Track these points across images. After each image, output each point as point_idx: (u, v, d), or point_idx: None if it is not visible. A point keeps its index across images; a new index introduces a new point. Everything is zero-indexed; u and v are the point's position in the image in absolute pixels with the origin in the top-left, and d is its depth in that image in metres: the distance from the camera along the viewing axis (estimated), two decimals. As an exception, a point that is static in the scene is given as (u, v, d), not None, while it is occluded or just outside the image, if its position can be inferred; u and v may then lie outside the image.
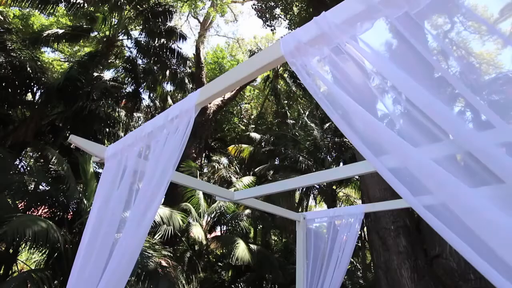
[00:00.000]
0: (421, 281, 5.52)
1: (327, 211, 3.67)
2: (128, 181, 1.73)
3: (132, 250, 1.50)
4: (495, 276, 0.77)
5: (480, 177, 0.89)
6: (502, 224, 0.77)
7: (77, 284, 1.66)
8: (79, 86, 9.37)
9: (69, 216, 7.69)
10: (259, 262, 8.76)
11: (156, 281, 5.96)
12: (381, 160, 1.10)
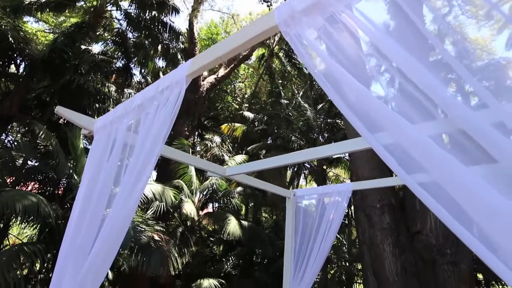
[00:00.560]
0: (401, 255, 5.78)
1: (316, 189, 3.75)
2: (118, 154, 1.71)
3: (122, 222, 1.51)
4: (483, 251, 0.80)
5: (474, 156, 0.90)
6: (495, 203, 0.79)
7: (68, 254, 1.68)
8: (65, 59, 9.03)
9: (60, 192, 7.67)
10: (250, 237, 9.00)
11: (149, 254, 6.09)
12: (376, 137, 1.10)
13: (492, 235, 0.80)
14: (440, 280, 5.44)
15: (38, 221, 6.61)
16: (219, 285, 7.88)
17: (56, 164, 6.77)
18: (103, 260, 1.53)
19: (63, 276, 1.65)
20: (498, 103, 0.88)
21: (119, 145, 1.71)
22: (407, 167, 0.99)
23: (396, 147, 1.02)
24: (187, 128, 11.98)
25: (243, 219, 10.03)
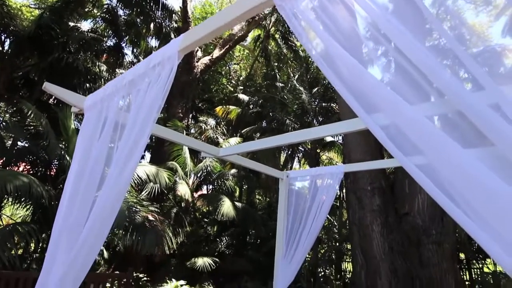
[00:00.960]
0: (389, 235, 5.97)
1: (309, 170, 3.79)
2: (109, 132, 1.69)
3: (113, 200, 1.52)
4: (478, 233, 0.80)
5: (471, 138, 0.90)
6: (493, 186, 0.79)
7: (61, 232, 1.69)
8: (53, 36, 8.72)
9: (52, 173, 7.62)
10: (243, 218, 9.16)
11: (144, 234, 6.17)
12: (373, 118, 1.08)
13: (488, 217, 0.80)
14: (424, 258, 5.67)
15: (31, 201, 6.59)
16: (213, 263, 8.07)
17: (47, 144, 6.67)
18: (95, 237, 1.54)
19: (56, 253, 1.67)
20: (495, 86, 0.87)
21: (110, 124, 1.69)
22: (404, 149, 0.99)
23: (393, 128, 1.02)
24: (181, 110, 11.85)
25: (237, 201, 10.15)
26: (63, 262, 1.60)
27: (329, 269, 9.80)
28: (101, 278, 5.10)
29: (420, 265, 5.70)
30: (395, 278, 5.73)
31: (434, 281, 5.53)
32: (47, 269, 1.66)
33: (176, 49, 1.31)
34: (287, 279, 3.43)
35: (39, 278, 1.68)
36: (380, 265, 5.85)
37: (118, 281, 5.17)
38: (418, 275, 5.64)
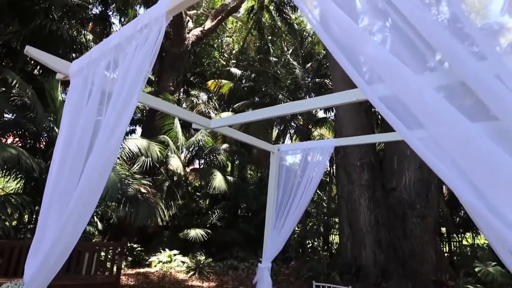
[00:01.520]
0: (376, 209, 6.20)
1: (300, 144, 3.83)
2: (96, 98, 1.66)
3: (102, 166, 1.52)
4: (480, 207, 0.79)
5: (474, 109, 0.87)
6: (494, 158, 0.78)
7: (52, 198, 1.70)
8: (34, 2, 8.25)
9: (41, 146, 7.51)
10: (235, 192, 9.31)
11: (136, 206, 6.24)
12: (372, 88, 1.05)
13: (489, 190, 0.80)
14: (408, 231, 5.93)
15: (21, 174, 6.55)
16: (205, 234, 8.29)
17: (34, 116, 6.52)
18: (85, 204, 1.56)
19: (48, 220, 1.69)
20: (498, 56, 0.84)
21: (97, 90, 1.65)
22: (404, 120, 0.97)
23: (393, 98, 1.00)
24: (171, 84, 11.60)
25: (228, 175, 10.27)
26: (54, 228, 1.62)
27: (317, 241, 10.20)
28: (96, 247, 5.21)
29: (403, 237, 5.98)
30: (379, 249, 6.02)
31: (416, 252, 5.83)
32: (39, 236, 1.68)
33: (164, 9, 1.26)
34: (276, 248, 3.57)
35: (32, 244, 1.71)
36: (365, 237, 6.11)
37: (112, 250, 5.30)
38: (401, 246, 5.93)
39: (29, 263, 1.70)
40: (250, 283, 6.04)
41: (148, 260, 7.81)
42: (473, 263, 5.84)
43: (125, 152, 7.61)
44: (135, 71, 1.38)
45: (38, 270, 1.63)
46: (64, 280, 4.70)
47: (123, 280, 6.20)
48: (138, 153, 7.80)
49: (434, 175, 6.23)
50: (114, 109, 1.51)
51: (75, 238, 1.67)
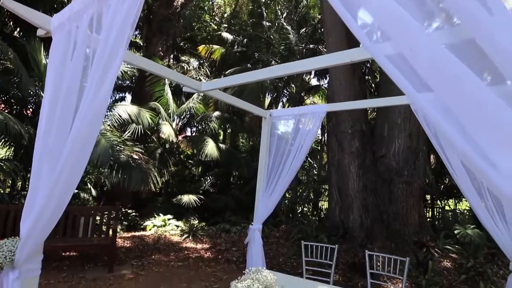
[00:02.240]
0: (365, 175, 6.38)
1: (292, 109, 3.82)
2: (80, 53, 1.60)
3: (90, 123, 1.51)
4: (482, 165, 0.79)
5: (483, 69, 0.84)
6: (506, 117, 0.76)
7: (42, 156, 1.69)
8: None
9: (29, 112, 7.33)
10: (227, 159, 9.42)
11: (129, 172, 6.29)
12: (379, 47, 1.02)
13: (495, 152, 0.79)
14: (394, 196, 6.17)
15: (10, 140, 6.44)
16: (198, 200, 8.49)
17: (18, 81, 6.29)
18: (74, 163, 1.57)
19: (39, 179, 1.70)
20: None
21: (81, 45, 1.59)
22: (411, 80, 0.93)
23: (400, 57, 0.95)
24: (161, 48, 11.16)
25: (221, 143, 10.31)
26: (46, 188, 1.64)
27: (307, 207, 10.58)
28: (91, 212, 5.32)
29: (389, 201, 6.23)
30: (365, 213, 6.28)
31: (400, 215, 6.12)
32: (32, 195, 1.70)
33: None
34: (267, 210, 3.69)
35: (25, 204, 1.73)
36: (353, 202, 6.35)
37: (107, 214, 5.42)
38: (386, 210, 6.20)
39: (24, 221, 1.73)
40: (242, 244, 6.32)
41: (143, 224, 8.04)
42: (453, 226, 6.19)
43: (115, 118, 7.51)
44: (120, 25, 1.32)
45: (32, 228, 1.67)
46: (61, 242, 4.85)
47: (119, 243, 6.42)
48: (128, 120, 7.71)
49: (423, 143, 6.37)
50: (99, 65, 1.47)
51: (67, 197, 1.70)
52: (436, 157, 10.05)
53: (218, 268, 5.35)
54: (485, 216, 2.56)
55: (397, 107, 6.29)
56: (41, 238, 1.71)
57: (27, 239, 1.69)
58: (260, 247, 3.60)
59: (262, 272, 2.20)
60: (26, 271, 1.75)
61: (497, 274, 4.81)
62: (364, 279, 2.89)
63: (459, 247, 5.65)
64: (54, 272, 4.71)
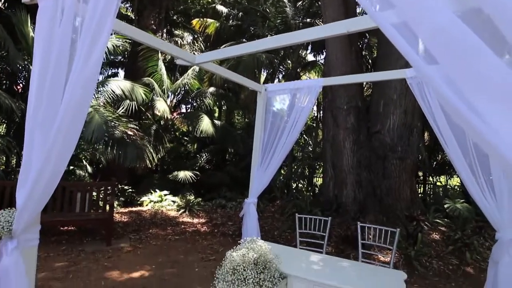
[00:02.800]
0: (359, 151, 6.44)
1: (287, 84, 3.77)
2: (69, 20, 1.54)
3: (83, 85, 1.48)
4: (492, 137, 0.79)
5: (492, 42, 0.80)
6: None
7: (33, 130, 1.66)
8: None
9: (19, 88, 7.16)
10: (222, 136, 9.41)
11: (124, 148, 6.27)
12: (384, 15, 0.98)
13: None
14: (387, 171, 6.28)
15: (1, 116, 6.34)
16: (194, 176, 8.56)
17: (6, 54, 6.08)
18: (67, 132, 1.55)
19: (32, 150, 1.68)
20: None
21: (69, 10, 1.52)
22: (416, 48, 0.91)
23: (406, 26, 0.92)
24: (153, 22, 10.78)
25: (216, 120, 10.25)
26: (39, 158, 1.62)
27: (302, 183, 10.74)
28: (88, 187, 5.35)
29: (382, 177, 6.34)
30: (359, 188, 6.41)
31: (393, 190, 6.25)
32: (26, 167, 1.68)
33: None
34: (262, 184, 3.74)
35: (19, 176, 1.72)
36: (347, 177, 6.45)
37: (104, 189, 5.46)
38: (379, 185, 6.32)
39: (19, 192, 1.73)
40: (238, 219, 6.47)
41: (139, 200, 8.14)
42: (443, 201, 6.37)
43: (109, 94, 7.37)
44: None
45: (28, 198, 1.67)
46: (59, 217, 4.91)
47: (116, 218, 6.52)
48: (122, 95, 7.57)
49: (417, 119, 6.40)
50: (87, 35, 1.42)
51: (62, 167, 1.70)
52: (430, 134, 10.14)
53: (214, 241, 5.50)
54: (475, 189, 2.62)
55: (393, 83, 6.25)
56: (37, 208, 1.73)
57: (23, 209, 1.70)
58: (255, 220, 3.69)
59: (257, 242, 2.27)
60: (24, 241, 1.77)
61: (483, 246, 5.02)
62: (356, 250, 3.00)
63: (448, 221, 5.84)
64: (53, 245, 4.80)
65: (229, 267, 2.03)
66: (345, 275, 2.14)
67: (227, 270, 2.03)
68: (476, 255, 4.75)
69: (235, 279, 1.97)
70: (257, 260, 2.07)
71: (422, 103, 2.88)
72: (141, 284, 3.57)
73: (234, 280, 1.97)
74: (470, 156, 2.65)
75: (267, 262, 2.09)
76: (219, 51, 2.69)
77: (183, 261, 4.46)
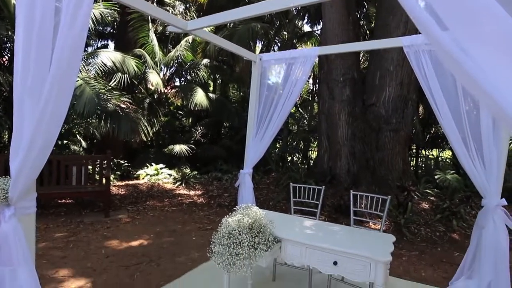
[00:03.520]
0: (354, 123, 6.47)
1: (283, 53, 3.69)
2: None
3: (71, 45, 1.43)
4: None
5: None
6: None
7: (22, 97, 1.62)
8: None
9: (4, 60, 6.91)
10: (217, 109, 9.33)
11: (118, 121, 6.20)
12: None
13: None
14: (381, 143, 6.35)
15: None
16: (189, 149, 8.59)
17: (-12, 22, 5.81)
18: (57, 95, 1.52)
19: (23, 116, 1.65)
20: None
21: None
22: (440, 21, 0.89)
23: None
24: (143, -11, 10.25)
25: (211, 93, 10.11)
26: (30, 124, 1.60)
27: (297, 156, 10.86)
28: (83, 161, 5.34)
29: (376, 149, 6.43)
30: (353, 160, 6.51)
31: (385, 162, 6.36)
32: (18, 135, 1.66)
33: None
34: (257, 155, 3.77)
35: (11, 146, 1.70)
36: (341, 149, 6.52)
37: (99, 163, 5.46)
38: (373, 157, 6.42)
39: (13, 161, 1.72)
40: (234, 190, 6.59)
41: (135, 173, 8.19)
42: (434, 172, 6.52)
43: (99, 66, 7.17)
44: None
45: (21, 166, 1.67)
46: (56, 190, 4.94)
47: (113, 191, 6.59)
48: (113, 67, 7.37)
49: (413, 91, 6.38)
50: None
51: (54, 134, 1.68)
52: (425, 108, 10.18)
53: (211, 212, 5.63)
54: (466, 159, 2.67)
55: (389, 54, 6.16)
56: (31, 175, 1.73)
57: (18, 177, 1.70)
58: (251, 190, 3.75)
59: (251, 208, 2.32)
60: (21, 208, 1.79)
61: (469, 214, 5.22)
62: (348, 219, 3.10)
63: (438, 191, 6.02)
64: (52, 217, 4.88)
65: (224, 232, 2.10)
66: (337, 238, 2.23)
67: (223, 234, 2.10)
68: (462, 222, 4.95)
69: (231, 243, 2.04)
70: (252, 225, 2.13)
71: (418, 73, 2.87)
72: (141, 252, 3.68)
73: (230, 243, 2.04)
74: (463, 127, 2.68)
75: (262, 227, 2.16)
76: (212, 17, 2.59)
77: (181, 230, 4.58)
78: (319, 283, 2.99)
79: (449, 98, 2.71)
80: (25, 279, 1.77)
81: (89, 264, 3.30)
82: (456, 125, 2.67)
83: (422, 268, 3.52)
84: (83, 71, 6.98)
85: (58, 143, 7.20)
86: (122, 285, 2.88)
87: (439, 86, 2.73)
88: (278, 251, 2.26)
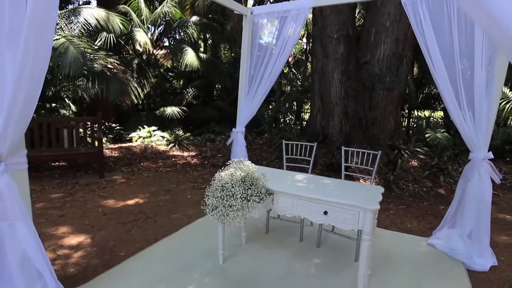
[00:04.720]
0: (347, 82, 6.39)
1: (275, 6, 3.50)
2: None
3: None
4: None
5: None
6: None
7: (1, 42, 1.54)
8: None
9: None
10: (209, 70, 9.07)
11: (106, 82, 6.01)
12: None
13: None
14: (374, 102, 6.34)
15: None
16: (181, 111, 8.49)
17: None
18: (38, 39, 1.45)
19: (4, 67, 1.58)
20: None
21: None
22: None
23: None
24: None
25: (201, 53, 9.74)
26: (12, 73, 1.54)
27: (290, 117, 10.85)
28: (73, 123, 5.25)
29: (369, 108, 6.42)
30: (345, 119, 6.53)
31: (377, 121, 6.40)
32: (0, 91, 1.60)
33: None
34: (249, 113, 3.75)
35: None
36: (334, 109, 6.51)
37: (90, 125, 5.38)
38: (365, 115, 6.43)
39: (-2, 118, 1.68)
40: (227, 151, 6.65)
41: (128, 136, 8.14)
42: (425, 131, 6.62)
43: (82, 24, 6.77)
44: None
45: (7, 120, 1.63)
46: (48, 152, 4.91)
47: (107, 153, 6.59)
48: (97, 25, 6.97)
49: (408, 49, 6.23)
50: None
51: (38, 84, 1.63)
52: (419, 66, 10.04)
53: (205, 171, 5.72)
54: (457, 114, 2.69)
55: (386, 9, 5.91)
56: (18, 130, 1.70)
57: (5, 132, 1.67)
58: (244, 148, 3.79)
59: (244, 162, 2.36)
60: (13, 164, 1.79)
61: (456, 170, 5.40)
62: (339, 176, 3.18)
63: (428, 149, 6.16)
64: (46, 179, 4.91)
65: (218, 185, 2.15)
66: (328, 190, 2.30)
67: (216, 187, 2.15)
68: (449, 178, 5.14)
69: (224, 195, 2.10)
70: (244, 178, 2.18)
71: (415, 27, 2.80)
72: (137, 210, 3.78)
73: (223, 196, 2.10)
74: (456, 83, 2.68)
75: (254, 180, 2.21)
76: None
77: (175, 189, 4.68)
78: (311, 234, 3.15)
79: (444, 52, 2.67)
80: (23, 233, 1.82)
81: (87, 221, 3.39)
82: (450, 79, 2.66)
83: (408, 220, 3.71)
84: (66, 29, 6.59)
85: (47, 107, 7.02)
86: (121, 239, 2.99)
87: (435, 40, 2.67)
88: (270, 203, 2.34)
